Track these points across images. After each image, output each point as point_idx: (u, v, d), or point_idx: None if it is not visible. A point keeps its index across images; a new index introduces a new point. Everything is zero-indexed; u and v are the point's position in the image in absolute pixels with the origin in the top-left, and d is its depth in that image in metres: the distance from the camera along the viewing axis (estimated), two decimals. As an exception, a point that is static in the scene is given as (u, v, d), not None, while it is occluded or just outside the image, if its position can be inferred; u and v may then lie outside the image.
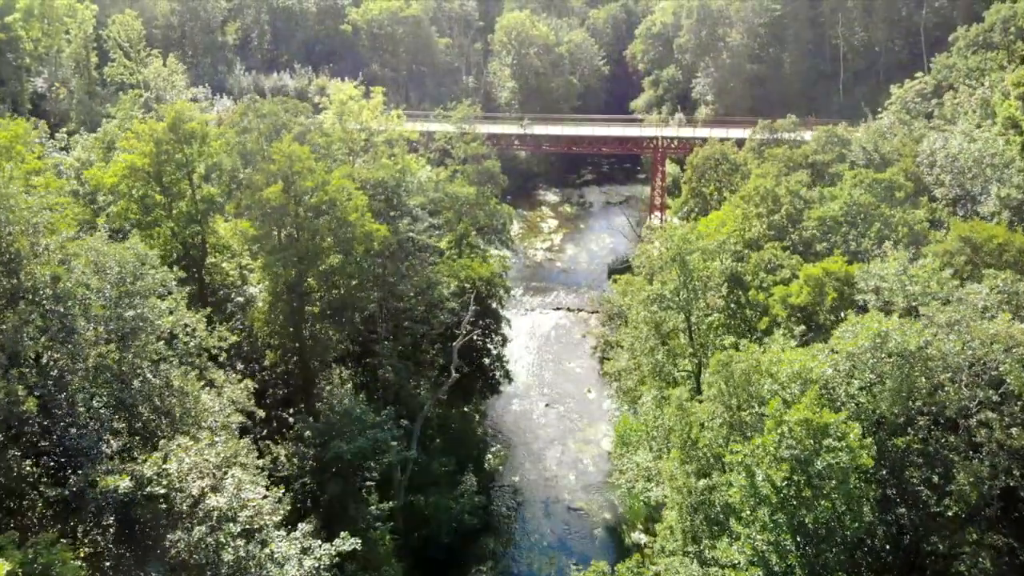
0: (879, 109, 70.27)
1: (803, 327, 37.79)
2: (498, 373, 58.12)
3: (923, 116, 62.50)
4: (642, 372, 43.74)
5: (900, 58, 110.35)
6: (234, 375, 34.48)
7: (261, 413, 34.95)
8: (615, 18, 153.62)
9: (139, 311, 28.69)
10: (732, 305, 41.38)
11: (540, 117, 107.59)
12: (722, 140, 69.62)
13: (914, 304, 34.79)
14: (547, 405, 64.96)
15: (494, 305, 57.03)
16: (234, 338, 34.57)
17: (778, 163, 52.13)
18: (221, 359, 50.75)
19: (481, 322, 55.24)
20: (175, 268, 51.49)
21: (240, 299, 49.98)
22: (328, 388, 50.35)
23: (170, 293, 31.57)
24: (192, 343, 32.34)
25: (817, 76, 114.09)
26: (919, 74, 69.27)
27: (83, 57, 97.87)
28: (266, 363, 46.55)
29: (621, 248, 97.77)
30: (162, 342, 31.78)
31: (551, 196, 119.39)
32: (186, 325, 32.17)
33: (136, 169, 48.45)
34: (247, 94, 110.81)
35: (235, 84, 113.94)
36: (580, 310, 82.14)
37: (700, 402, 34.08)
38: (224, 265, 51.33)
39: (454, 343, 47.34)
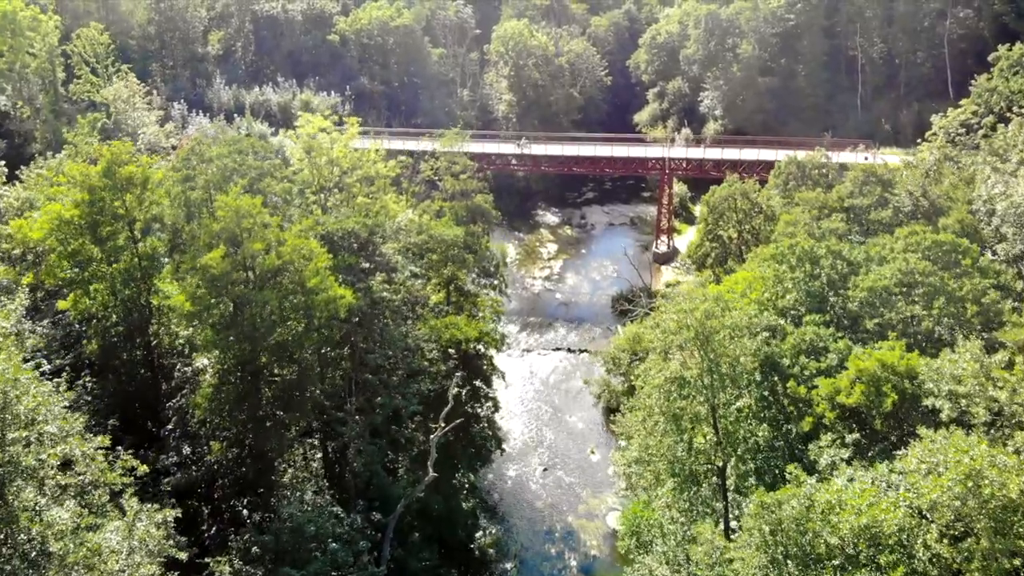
0: (918, 140, 63.34)
1: (856, 435, 31.04)
2: (489, 442, 51.27)
3: (968, 149, 55.70)
4: (656, 468, 37.07)
5: (923, 71, 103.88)
6: (152, 506, 27.60)
7: (183, 556, 28.16)
8: (617, 26, 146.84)
9: (7, 454, 21.94)
10: (766, 393, 34.66)
11: (539, 136, 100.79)
12: (740, 176, 62.67)
13: (997, 414, 28.05)
14: (545, 470, 58.14)
15: (484, 365, 50.20)
16: (143, 468, 27.82)
17: (810, 208, 45.33)
18: (165, 436, 44.44)
19: (468, 387, 48.40)
20: (114, 331, 45.63)
21: (187, 370, 43.32)
22: (290, 471, 43.81)
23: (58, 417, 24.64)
24: (87, 477, 25.48)
25: (833, 90, 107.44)
26: (964, 101, 62.37)
27: (49, 73, 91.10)
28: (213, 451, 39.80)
29: (625, 277, 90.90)
30: (54, 470, 25.13)
31: (550, 217, 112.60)
32: (83, 454, 25.30)
33: (65, 221, 41.77)
34: (227, 110, 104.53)
35: (215, 99, 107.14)
36: (582, 351, 75.25)
37: (729, 534, 27.37)
38: (175, 326, 44.62)
39: (432, 436, 40.61)
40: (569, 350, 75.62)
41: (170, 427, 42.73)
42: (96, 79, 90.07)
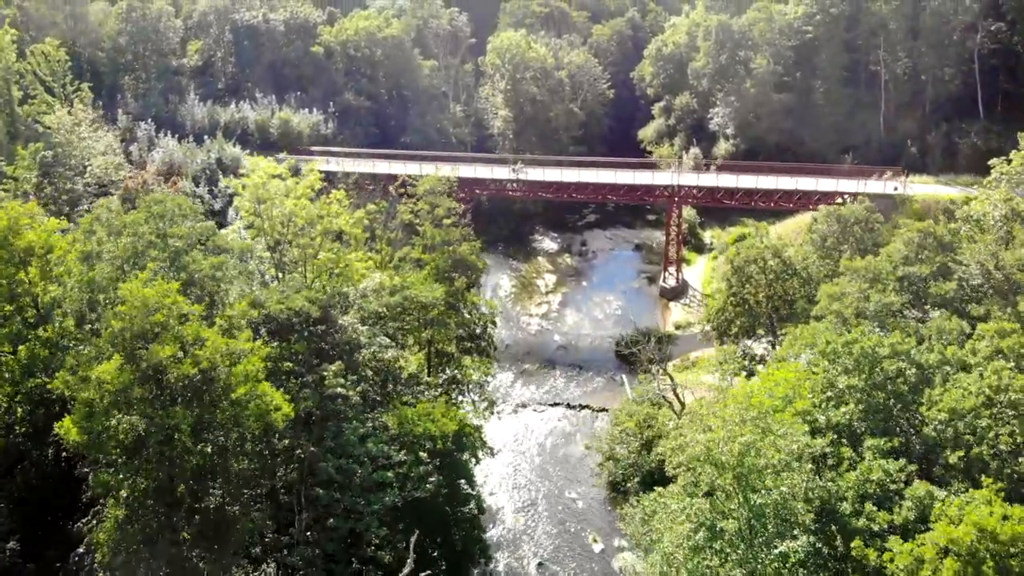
0: (974, 185, 55.54)
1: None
2: (474, 546, 43.53)
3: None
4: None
5: (950, 88, 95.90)
6: None
7: None
8: (621, 35, 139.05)
9: None
10: (820, 545, 27.06)
11: (536, 159, 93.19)
12: (759, 228, 54.93)
13: None
14: (540, 565, 50.43)
15: (466, 457, 42.43)
16: None
17: (860, 280, 37.68)
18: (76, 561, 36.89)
19: (446, 488, 40.56)
20: (19, 428, 38.03)
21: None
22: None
23: None
24: None
25: (854, 108, 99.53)
26: (1022, 139, 54.52)
27: (4, 92, 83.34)
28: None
29: (630, 316, 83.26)
30: None
31: (549, 243, 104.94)
32: None
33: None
34: (200, 129, 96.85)
35: (188, 117, 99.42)
36: (584, 407, 67.45)
37: None
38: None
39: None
40: (569, 405, 67.81)
41: (81, 550, 35.08)
42: (52, 99, 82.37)
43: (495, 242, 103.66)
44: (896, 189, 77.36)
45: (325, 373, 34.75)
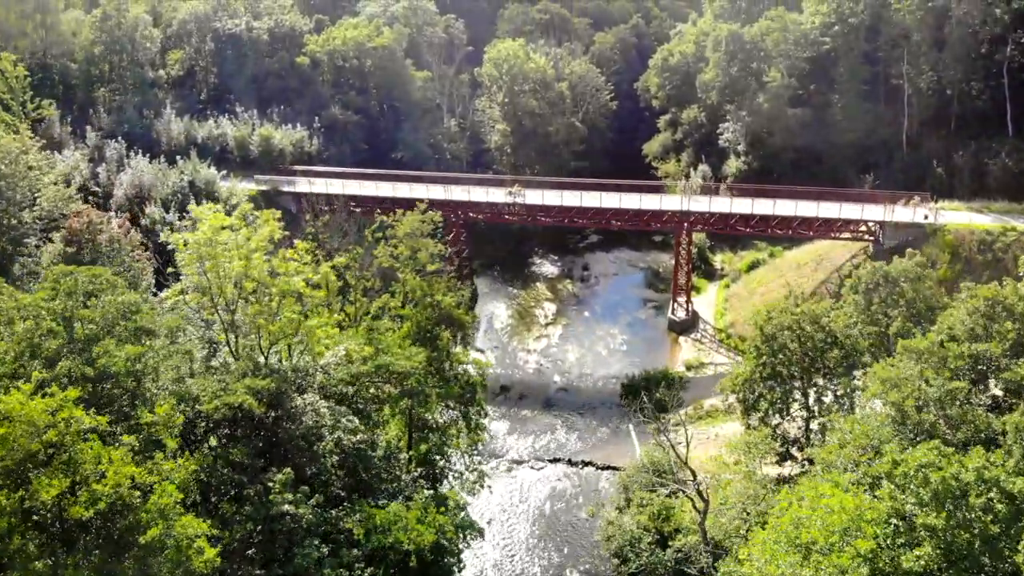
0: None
1: None
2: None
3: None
4: None
5: (978, 104, 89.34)
6: None
7: None
8: (624, 42, 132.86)
9: None
10: None
11: (535, 181, 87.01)
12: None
13: None
14: (537, 667, 44.19)
15: (449, 560, 36.15)
16: None
17: (923, 366, 31.27)
18: None
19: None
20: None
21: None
22: None
23: None
24: None
25: (874, 124, 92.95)
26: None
27: (-39, 108, 77.30)
28: None
29: (637, 352, 77.13)
30: None
31: (548, 266, 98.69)
32: None
33: None
34: (176, 146, 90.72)
35: (163, 133, 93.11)
36: (587, 464, 61.06)
37: None
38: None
39: None
40: (570, 462, 61.36)
41: None
42: (11, 118, 76.04)
43: (491, 265, 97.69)
44: (926, 217, 71.07)
45: (271, 484, 28.46)
